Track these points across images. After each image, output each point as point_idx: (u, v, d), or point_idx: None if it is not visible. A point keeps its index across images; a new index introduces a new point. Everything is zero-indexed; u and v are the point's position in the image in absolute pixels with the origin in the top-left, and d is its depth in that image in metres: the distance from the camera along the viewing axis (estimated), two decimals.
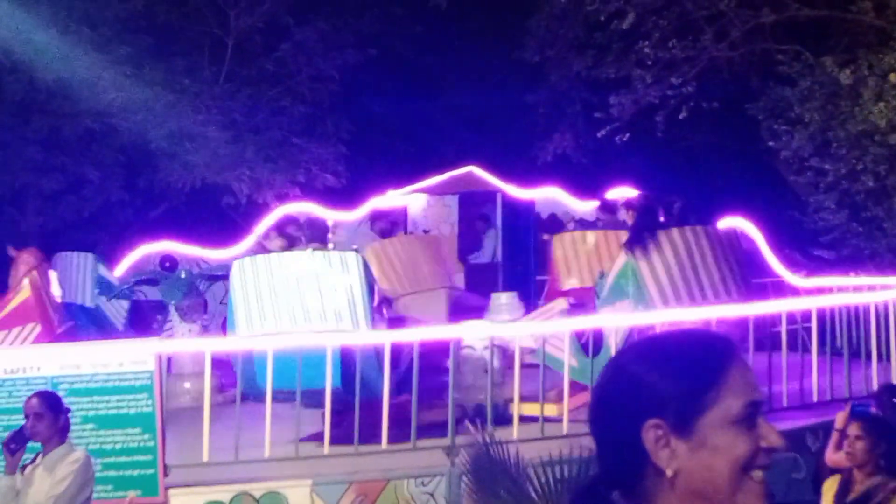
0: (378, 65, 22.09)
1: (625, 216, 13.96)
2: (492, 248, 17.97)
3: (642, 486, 1.78)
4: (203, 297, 14.30)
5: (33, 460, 6.44)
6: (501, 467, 8.20)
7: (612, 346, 9.68)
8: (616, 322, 9.99)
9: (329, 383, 9.07)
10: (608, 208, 15.70)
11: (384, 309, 11.41)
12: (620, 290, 11.05)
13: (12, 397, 8.05)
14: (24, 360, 8.33)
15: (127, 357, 8.43)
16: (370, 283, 10.32)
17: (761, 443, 1.78)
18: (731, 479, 1.75)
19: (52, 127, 18.44)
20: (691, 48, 17.71)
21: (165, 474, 8.28)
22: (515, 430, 9.12)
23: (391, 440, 9.09)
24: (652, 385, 1.78)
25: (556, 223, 18.45)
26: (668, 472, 1.75)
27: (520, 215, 18.40)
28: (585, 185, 18.80)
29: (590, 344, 10.09)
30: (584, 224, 18.55)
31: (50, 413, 6.41)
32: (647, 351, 1.87)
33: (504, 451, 8.35)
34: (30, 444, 6.45)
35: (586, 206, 18.39)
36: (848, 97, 16.14)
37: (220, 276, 13.99)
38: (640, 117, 18.74)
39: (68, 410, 6.67)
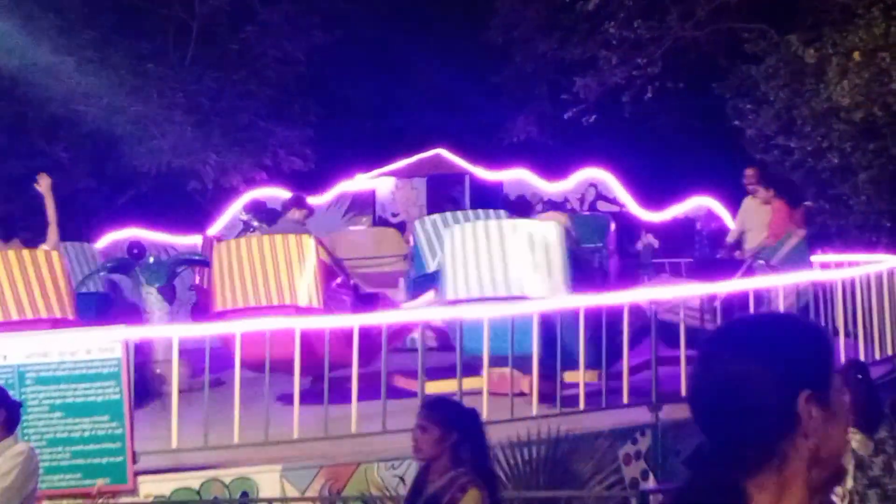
0: (345, 47, 22.01)
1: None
2: None
3: (774, 460, 1.86)
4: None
5: None
6: None
7: None
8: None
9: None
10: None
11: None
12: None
13: None
14: None
15: (94, 344, 8.39)
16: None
17: None
18: (844, 442, 1.93)
19: (17, 113, 18.31)
20: (657, 28, 17.73)
21: (134, 461, 8.25)
22: (485, 411, 9.10)
23: None
24: (797, 359, 1.90)
25: (524, 205, 18.45)
26: (811, 443, 1.85)
27: (488, 197, 18.39)
28: (553, 166, 18.81)
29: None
30: (553, 205, 18.59)
31: None
32: (776, 329, 2.00)
33: None
34: None
35: (555, 188, 18.40)
36: (813, 75, 16.19)
37: (196, 260, 13.95)
38: (606, 98, 18.77)
39: (17, 405, 6.60)
